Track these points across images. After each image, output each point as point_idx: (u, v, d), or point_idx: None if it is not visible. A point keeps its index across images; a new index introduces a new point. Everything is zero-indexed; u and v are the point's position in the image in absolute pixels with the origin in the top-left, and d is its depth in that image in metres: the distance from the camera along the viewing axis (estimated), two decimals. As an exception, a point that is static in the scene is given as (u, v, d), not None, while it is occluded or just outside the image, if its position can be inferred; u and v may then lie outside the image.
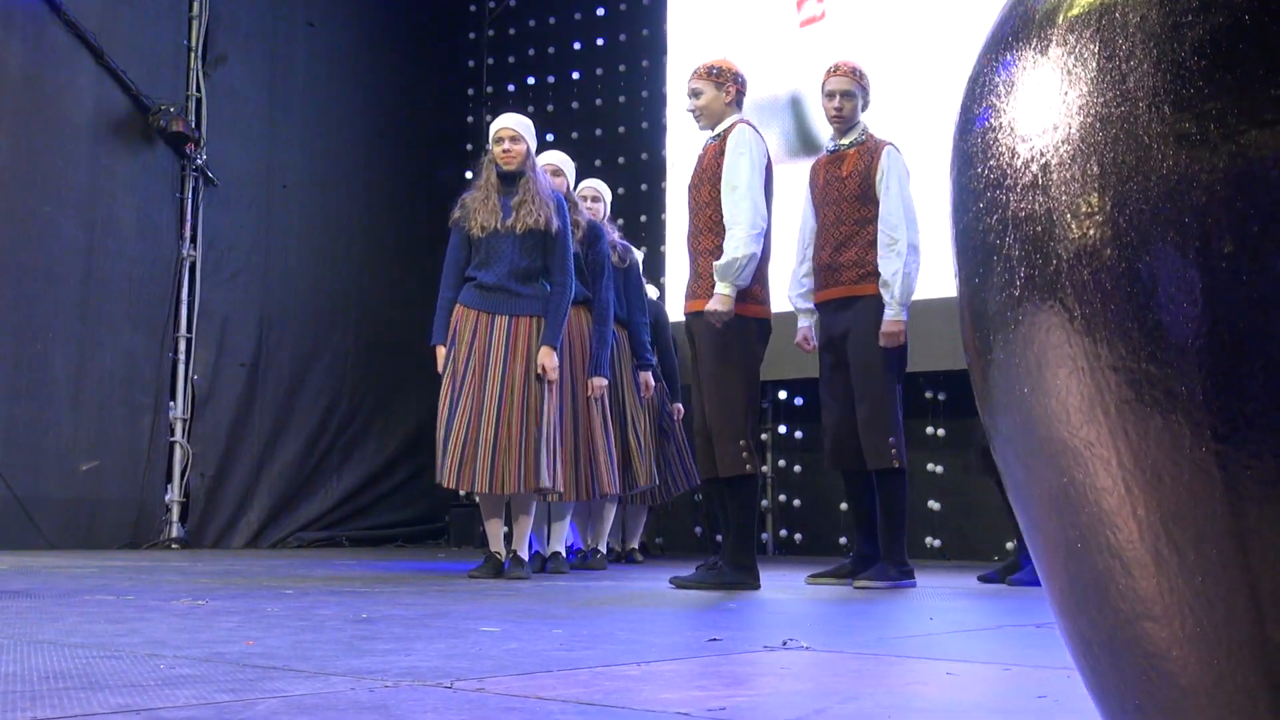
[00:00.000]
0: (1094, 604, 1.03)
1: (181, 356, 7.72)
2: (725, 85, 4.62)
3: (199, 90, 7.92)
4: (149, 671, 1.87)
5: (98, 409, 7.28)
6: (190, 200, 7.83)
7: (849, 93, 5.00)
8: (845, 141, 5.06)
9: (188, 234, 7.78)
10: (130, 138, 7.55)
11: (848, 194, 4.97)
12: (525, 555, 5.03)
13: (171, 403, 7.67)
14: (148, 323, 7.57)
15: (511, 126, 5.04)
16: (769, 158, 4.60)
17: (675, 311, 8.34)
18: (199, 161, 7.81)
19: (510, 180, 5.01)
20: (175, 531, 7.54)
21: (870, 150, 4.96)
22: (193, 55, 7.92)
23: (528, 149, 5.04)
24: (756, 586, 4.38)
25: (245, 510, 7.88)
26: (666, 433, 6.81)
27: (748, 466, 4.38)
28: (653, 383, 6.31)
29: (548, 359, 4.90)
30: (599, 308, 5.58)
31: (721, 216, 4.47)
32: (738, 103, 4.65)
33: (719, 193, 4.50)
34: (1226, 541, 0.91)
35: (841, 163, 5.04)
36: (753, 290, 4.45)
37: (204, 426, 7.73)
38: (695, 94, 4.66)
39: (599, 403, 5.45)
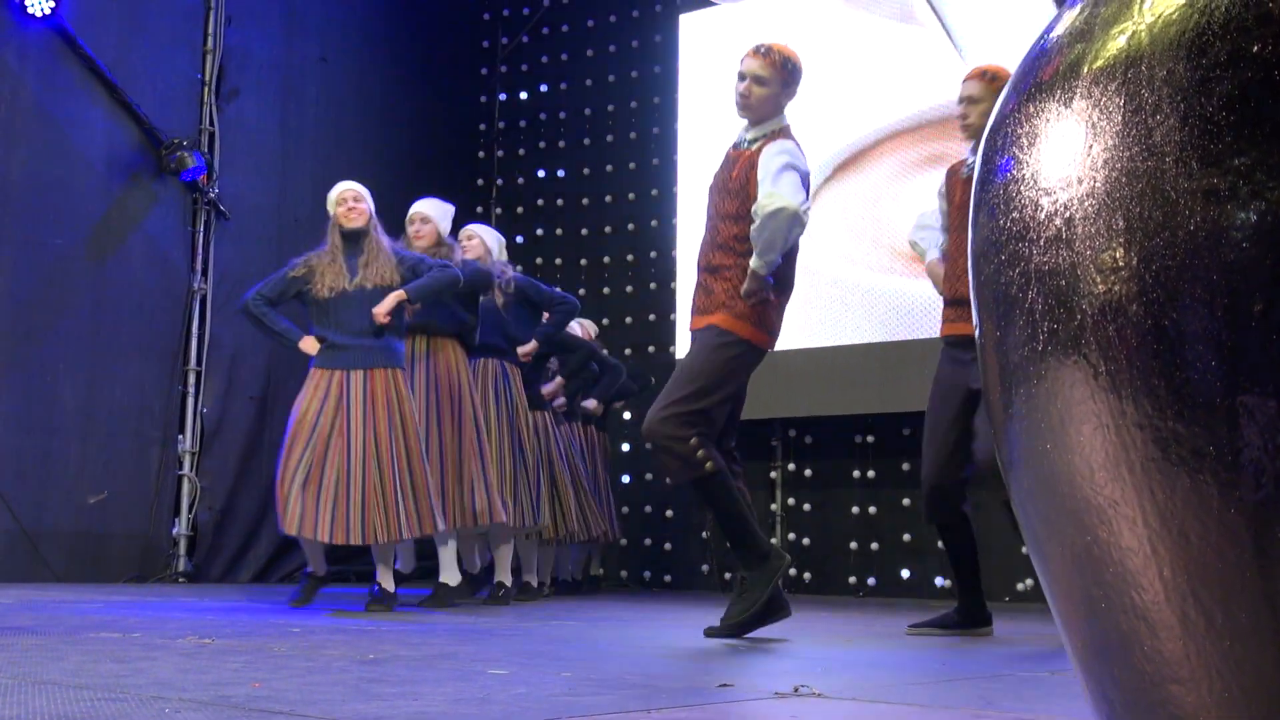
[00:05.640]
0: (1118, 664, 1.01)
1: (191, 389, 7.72)
2: (791, 86, 4.03)
3: (212, 124, 7.95)
4: (154, 715, 1.85)
5: (106, 441, 7.28)
6: (202, 233, 7.84)
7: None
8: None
9: (199, 267, 7.79)
10: (142, 171, 7.58)
11: None
12: (392, 589, 5.16)
13: (180, 436, 7.66)
14: (157, 355, 7.57)
15: (354, 189, 5.27)
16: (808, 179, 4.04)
17: (683, 348, 8.33)
18: (211, 195, 7.83)
19: (354, 240, 5.18)
20: (183, 565, 7.52)
21: None
22: (206, 89, 7.95)
23: (369, 210, 5.23)
24: (783, 560, 3.89)
25: (253, 544, 7.84)
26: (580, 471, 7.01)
27: (708, 465, 3.75)
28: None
29: (389, 302, 5.04)
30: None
31: (741, 235, 3.91)
32: (787, 103, 4.09)
33: (745, 209, 3.91)
34: (1256, 604, 0.89)
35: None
36: (770, 318, 3.96)
37: (212, 460, 7.71)
38: (760, 81, 3.98)
39: (477, 436, 5.55)
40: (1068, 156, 0.97)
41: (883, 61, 7.74)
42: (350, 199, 5.20)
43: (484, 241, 6.13)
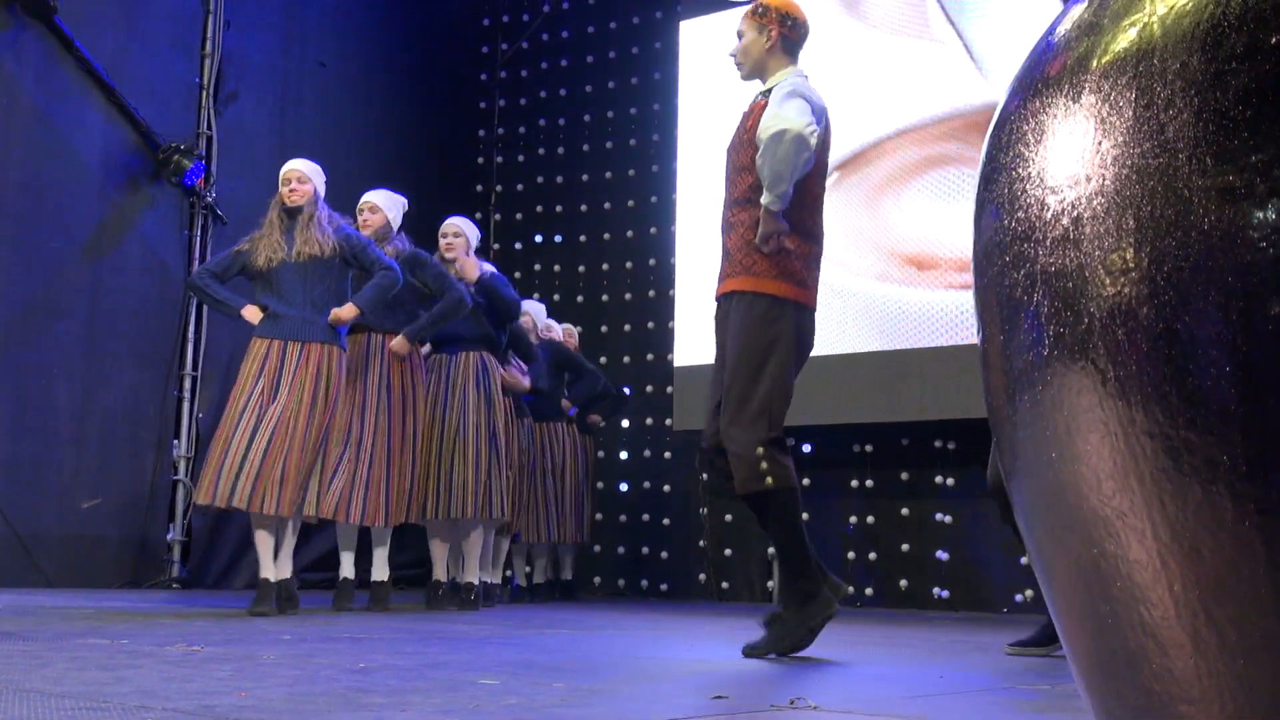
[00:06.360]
0: (1125, 683, 0.97)
1: (186, 394, 7.68)
2: (767, 27, 3.82)
3: (210, 128, 7.92)
4: (134, 726, 1.81)
5: (101, 446, 7.24)
6: (199, 238, 7.81)
7: None
8: None
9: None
10: (139, 175, 7.55)
11: None
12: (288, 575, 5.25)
13: (175, 441, 7.63)
14: (153, 360, 7.54)
15: (298, 168, 5.33)
16: (826, 118, 3.78)
17: (682, 356, 8.30)
18: (208, 199, 7.79)
19: (294, 215, 5.28)
20: (177, 571, 7.48)
21: None
22: (204, 93, 7.93)
23: (314, 190, 5.31)
24: (831, 613, 3.60)
25: (247, 550, 7.78)
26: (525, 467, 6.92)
27: (769, 480, 3.55)
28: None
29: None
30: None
31: (757, 184, 3.65)
32: (785, 49, 3.85)
33: None
34: (1271, 621, 0.85)
35: None
36: (793, 267, 3.68)
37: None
38: (739, 35, 3.88)
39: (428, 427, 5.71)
40: (1076, 153, 0.93)
41: (881, 67, 7.72)
42: (294, 179, 5.28)
43: (467, 238, 6.11)
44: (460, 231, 6.03)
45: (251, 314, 5.17)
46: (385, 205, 5.79)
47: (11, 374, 6.87)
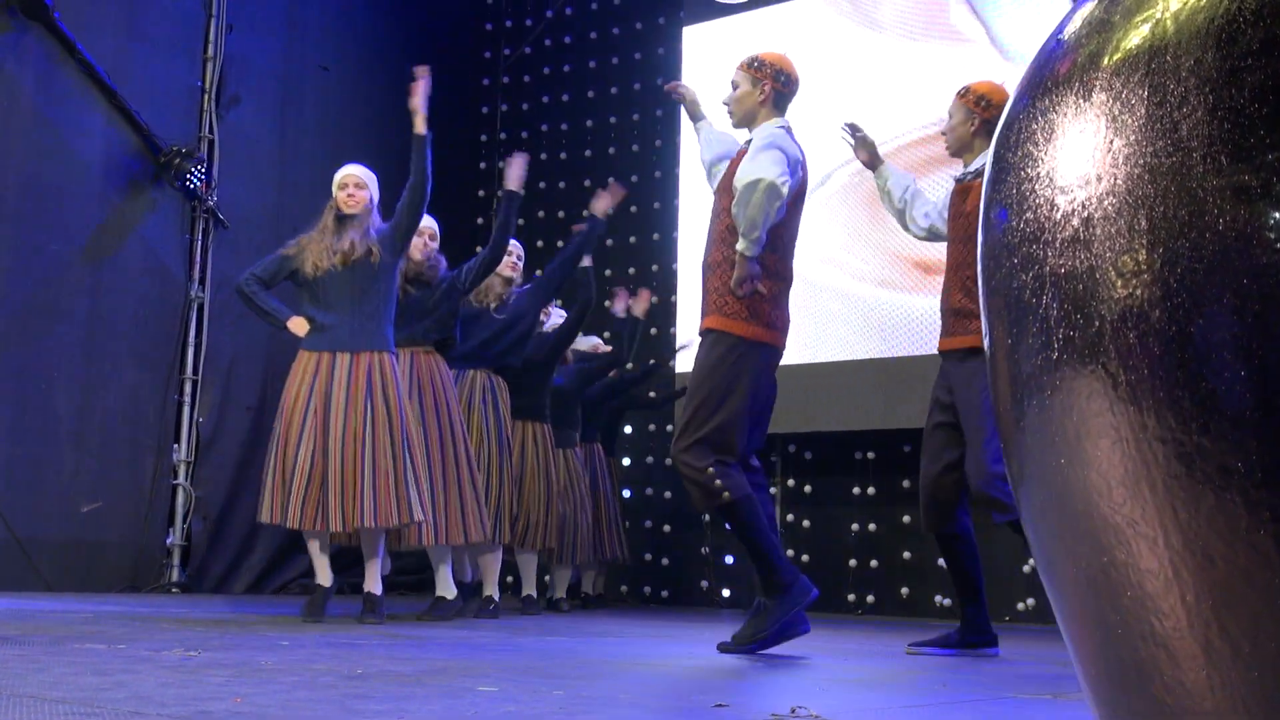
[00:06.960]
0: (1135, 694, 0.95)
1: (186, 398, 7.66)
2: (761, 81, 4.10)
3: (212, 132, 7.91)
4: (128, 732, 1.79)
5: (100, 450, 7.21)
6: (200, 241, 7.80)
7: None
8: (972, 170, 4.40)
9: (196, 275, 7.74)
10: (140, 178, 7.53)
11: (971, 233, 4.27)
12: (379, 593, 5.09)
13: (175, 445, 7.60)
14: (153, 364, 7.52)
15: (358, 175, 5.27)
16: (803, 169, 4.06)
17: (684, 362, 8.27)
18: (209, 203, 7.78)
19: (347, 223, 5.17)
20: (176, 575, 7.45)
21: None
22: (206, 96, 7.91)
23: (370, 198, 5.23)
24: (807, 594, 3.86)
25: (247, 555, 7.78)
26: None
27: (725, 495, 3.73)
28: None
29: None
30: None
31: (733, 227, 3.93)
32: (775, 103, 4.12)
33: None
34: (1286, 632, 0.83)
35: (967, 195, 4.36)
36: (763, 309, 3.89)
37: (207, 469, 7.65)
38: (734, 85, 4.20)
39: (464, 449, 5.53)
40: (1086, 152, 0.91)
41: (886, 68, 7.70)
42: (352, 184, 5.19)
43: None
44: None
45: (298, 326, 5.06)
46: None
47: (11, 376, 6.85)
